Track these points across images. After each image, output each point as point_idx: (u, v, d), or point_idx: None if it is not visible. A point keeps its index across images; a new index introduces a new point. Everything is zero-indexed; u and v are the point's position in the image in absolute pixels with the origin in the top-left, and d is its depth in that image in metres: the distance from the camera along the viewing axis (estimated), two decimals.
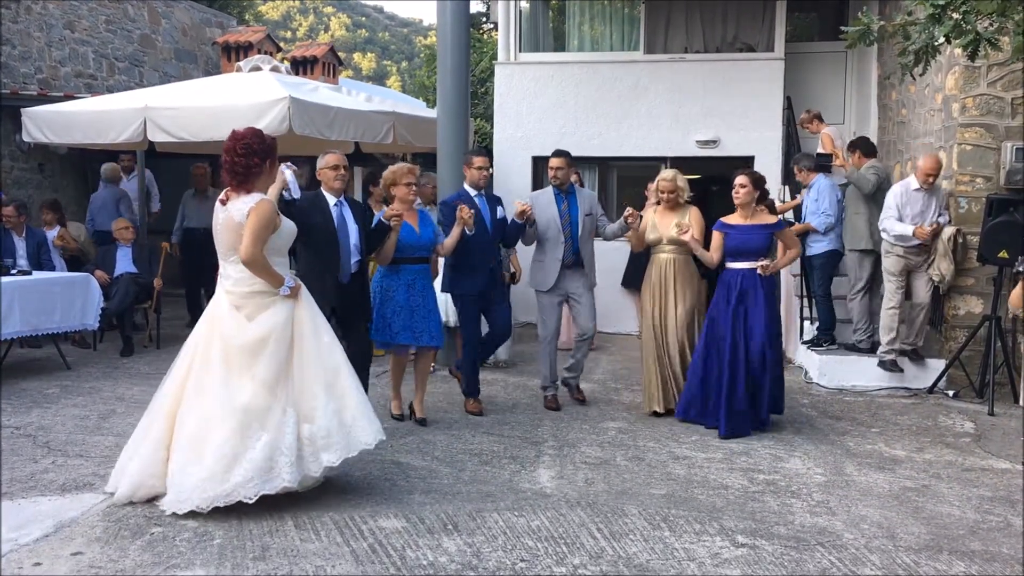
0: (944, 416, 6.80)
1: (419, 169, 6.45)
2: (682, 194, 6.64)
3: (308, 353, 4.54)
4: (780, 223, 6.50)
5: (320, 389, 4.51)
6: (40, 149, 11.59)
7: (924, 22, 5.00)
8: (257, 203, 4.46)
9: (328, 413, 4.48)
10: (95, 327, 8.30)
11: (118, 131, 8.82)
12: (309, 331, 4.58)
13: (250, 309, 4.50)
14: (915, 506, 4.76)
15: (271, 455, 4.35)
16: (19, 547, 3.98)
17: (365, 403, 4.66)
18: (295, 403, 4.47)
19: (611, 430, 6.21)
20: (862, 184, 7.88)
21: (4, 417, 6.28)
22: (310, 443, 4.46)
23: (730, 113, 10.54)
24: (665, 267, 6.61)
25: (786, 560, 3.99)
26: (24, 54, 12.07)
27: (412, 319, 6.08)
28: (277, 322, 4.49)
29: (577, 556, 3.99)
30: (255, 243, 4.41)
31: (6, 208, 8.70)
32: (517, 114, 11.08)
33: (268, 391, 4.41)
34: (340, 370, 4.61)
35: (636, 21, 11.14)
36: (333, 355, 4.62)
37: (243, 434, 4.33)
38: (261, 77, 9.22)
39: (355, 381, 4.66)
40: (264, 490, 4.30)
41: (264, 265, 4.46)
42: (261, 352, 4.43)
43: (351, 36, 67.47)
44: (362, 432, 4.57)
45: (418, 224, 6.18)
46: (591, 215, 6.84)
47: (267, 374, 4.42)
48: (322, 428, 4.46)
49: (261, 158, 4.55)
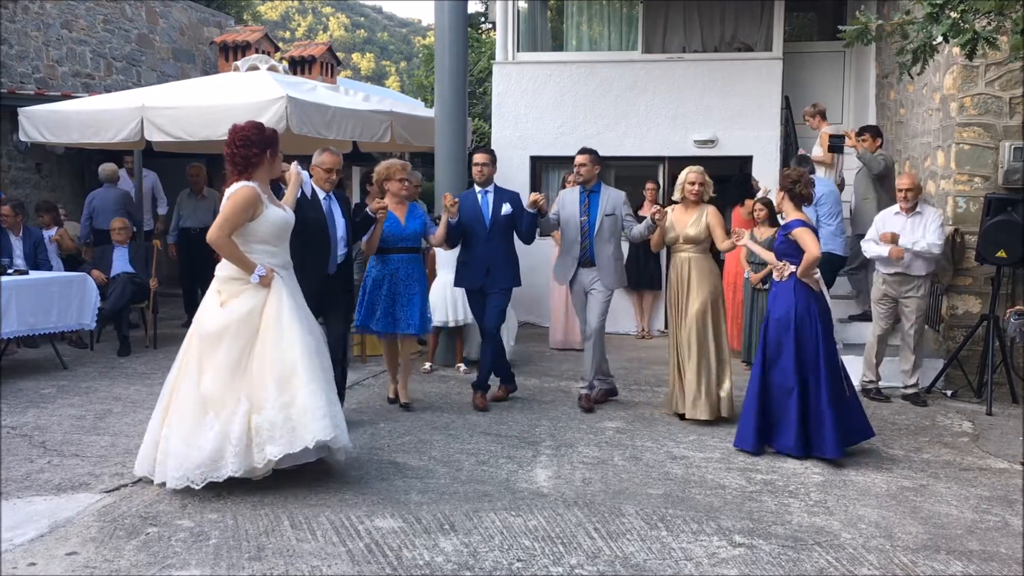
0: (942, 416, 6.79)
1: (411, 165, 6.70)
2: (708, 189, 6.59)
3: (268, 344, 4.60)
4: (788, 224, 5.84)
5: (272, 382, 4.55)
6: (37, 149, 11.57)
7: (922, 21, 5.00)
8: (237, 188, 4.63)
9: (276, 407, 4.52)
10: (92, 327, 8.28)
11: (115, 130, 8.81)
12: (273, 322, 4.63)
13: (226, 295, 4.67)
14: (913, 506, 4.75)
15: (221, 444, 4.49)
16: (14, 547, 3.97)
17: (318, 402, 4.59)
18: (249, 392, 4.55)
19: (609, 430, 6.20)
20: (873, 164, 8.15)
21: (0, 417, 6.26)
22: (257, 433, 4.53)
23: (728, 113, 10.53)
24: (681, 266, 6.54)
25: (783, 560, 3.97)
26: (21, 53, 12.06)
27: (393, 307, 6.41)
28: (242, 311, 4.61)
29: (574, 556, 3.97)
30: (223, 225, 4.59)
31: (3, 208, 8.68)
32: (515, 114, 11.07)
33: (225, 378, 4.55)
34: (296, 366, 4.59)
35: (634, 21, 11.13)
36: (292, 350, 4.61)
37: (199, 420, 4.52)
38: (258, 76, 9.21)
39: (311, 379, 4.61)
40: (211, 477, 4.50)
41: (230, 249, 4.61)
42: (223, 339, 4.58)
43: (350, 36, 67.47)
44: (305, 430, 4.54)
45: (404, 216, 6.49)
46: (613, 215, 6.79)
47: (225, 361, 4.56)
48: (267, 420, 4.51)
49: (260, 148, 4.71)
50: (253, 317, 4.63)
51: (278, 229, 4.79)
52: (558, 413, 6.65)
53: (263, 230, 4.71)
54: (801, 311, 5.63)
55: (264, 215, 4.70)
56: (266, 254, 4.73)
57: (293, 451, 4.54)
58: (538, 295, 9.55)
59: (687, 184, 6.56)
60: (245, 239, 4.69)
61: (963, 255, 7.62)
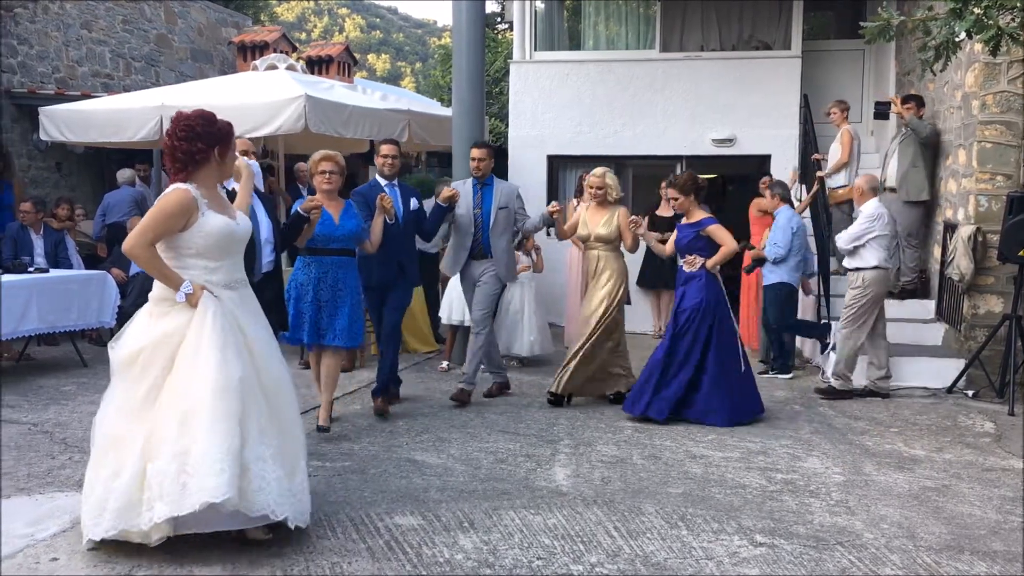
0: (964, 416, 6.74)
1: (339, 156, 5.94)
2: (611, 192, 6.82)
3: (179, 377, 3.81)
4: (702, 221, 6.57)
5: (174, 423, 3.73)
6: (57, 148, 11.67)
7: (945, 17, 4.96)
8: (169, 192, 3.87)
9: (172, 453, 3.69)
10: (111, 325, 8.32)
11: (135, 129, 8.88)
12: (189, 351, 3.82)
13: (154, 317, 3.94)
14: (935, 506, 4.71)
15: (104, 495, 3.79)
16: (36, 542, 3.99)
17: (216, 451, 3.67)
18: (151, 432, 3.78)
19: (627, 428, 6.18)
20: (920, 129, 8.37)
21: (22, 414, 6.31)
22: (148, 486, 3.70)
23: (746, 111, 10.47)
24: (593, 262, 6.84)
25: (805, 560, 3.95)
26: (42, 53, 12.14)
27: (319, 316, 5.70)
28: (153, 336, 3.86)
29: (594, 554, 3.96)
30: (142, 232, 3.82)
31: (24, 204, 8.75)
32: (532, 113, 11.05)
33: (125, 416, 3.84)
34: (202, 406, 3.73)
35: (652, 19, 11.10)
36: (201, 385, 3.75)
37: (96, 465, 3.89)
38: (277, 76, 9.26)
39: (216, 420, 3.71)
40: (89, 534, 3.82)
41: (149, 261, 3.86)
42: (133, 365, 3.87)
43: (365, 37, 67.59)
44: (196, 486, 3.63)
45: (339, 215, 5.78)
46: (507, 208, 6.89)
47: (126, 396, 3.86)
48: (160, 471, 3.68)
49: (207, 143, 3.92)
50: (170, 342, 3.84)
51: (219, 240, 3.94)
52: (576, 411, 6.64)
53: (199, 241, 3.90)
54: (711, 299, 6.43)
55: (199, 224, 3.87)
56: (203, 270, 3.92)
57: (180, 513, 3.64)
58: (556, 295, 9.53)
59: (588, 187, 6.92)
60: (177, 252, 3.90)
61: (985, 254, 7.55)
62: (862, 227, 7.21)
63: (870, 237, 7.17)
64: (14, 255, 8.19)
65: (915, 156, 8.48)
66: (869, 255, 7.19)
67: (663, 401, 6.30)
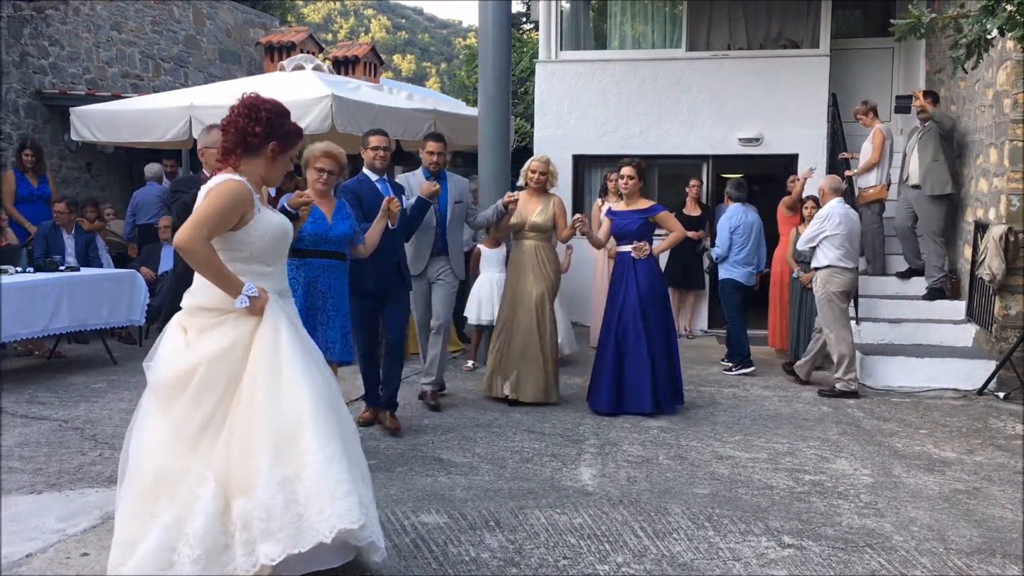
0: (994, 418, 6.65)
1: (342, 155, 5.32)
2: (552, 179, 6.78)
3: (259, 394, 3.26)
4: (654, 208, 6.70)
5: (266, 449, 3.18)
6: (88, 148, 11.81)
7: (977, 14, 4.91)
8: (221, 182, 3.37)
9: (272, 485, 3.14)
10: (141, 323, 8.42)
11: (164, 129, 8.96)
12: (266, 363, 3.30)
13: (195, 330, 3.36)
14: (966, 508, 4.65)
15: (171, 542, 3.13)
16: (67, 537, 4.04)
17: (338, 473, 3.22)
18: (224, 466, 3.20)
19: (653, 428, 6.16)
20: (944, 121, 8.42)
21: (53, 410, 6.39)
22: (243, 527, 3.13)
23: (774, 111, 10.41)
24: (526, 252, 6.73)
25: (834, 561, 3.91)
26: (72, 55, 12.29)
27: (313, 323, 5.05)
28: (212, 351, 3.29)
29: (620, 554, 3.95)
30: (196, 226, 3.26)
31: (58, 204, 8.87)
32: (558, 112, 11.04)
33: (179, 448, 3.23)
34: (301, 424, 3.24)
35: (678, 19, 11.06)
36: (297, 400, 3.27)
37: (143, 508, 3.20)
38: (304, 76, 9.31)
39: (327, 441, 3.25)
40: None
41: (208, 259, 3.28)
42: (184, 389, 3.25)
43: (391, 38, 67.82)
44: (317, 515, 3.15)
45: (332, 215, 5.21)
46: (461, 203, 6.69)
47: (186, 422, 3.24)
48: (261, 506, 3.12)
49: (266, 132, 3.47)
50: (232, 357, 3.29)
51: (274, 242, 3.50)
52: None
53: (255, 242, 3.42)
54: (659, 285, 6.64)
55: (256, 221, 3.41)
56: (255, 276, 3.41)
57: (301, 549, 3.14)
58: (582, 294, 9.52)
59: (529, 171, 6.81)
60: (229, 254, 3.39)
61: (1017, 254, 7.45)
62: (812, 228, 7.44)
63: (822, 237, 7.33)
64: (45, 253, 8.31)
65: (936, 150, 8.43)
66: (821, 255, 7.38)
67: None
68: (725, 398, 7.17)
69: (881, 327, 8.40)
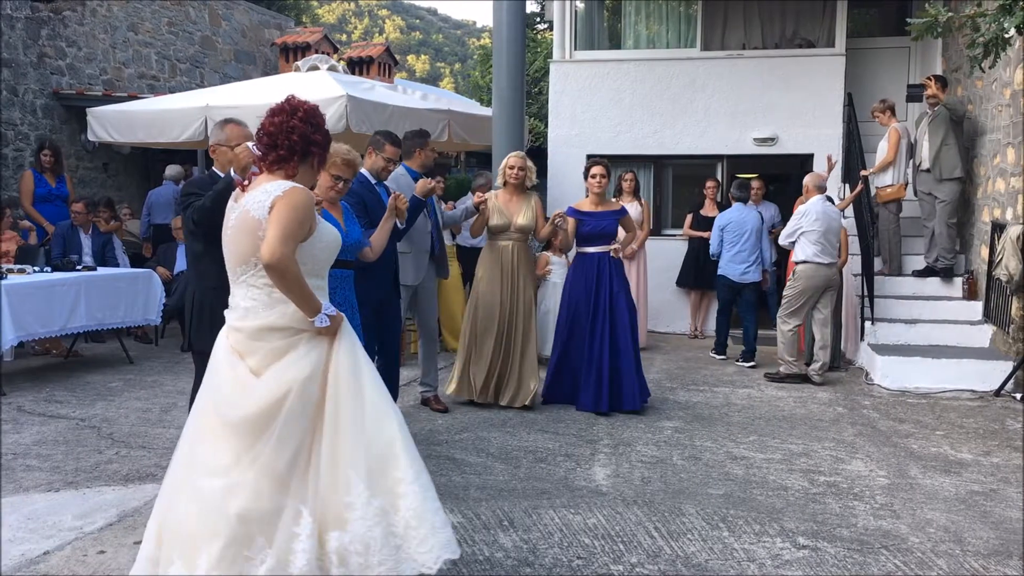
0: (1012, 419, 6.61)
1: (360, 162, 5.01)
2: (530, 176, 6.71)
3: (344, 422, 3.00)
4: (623, 210, 6.92)
5: (359, 478, 2.95)
6: (104, 149, 11.87)
7: (994, 13, 4.88)
8: (287, 190, 3.03)
9: (369, 516, 2.93)
10: (157, 322, 8.47)
11: (180, 130, 9.00)
12: (349, 388, 3.04)
13: (259, 357, 3.03)
14: (983, 510, 4.62)
15: None
16: (84, 535, 4.07)
17: (428, 499, 3.04)
18: (319, 499, 2.95)
19: (667, 429, 6.15)
20: (958, 107, 8.64)
21: (70, 409, 6.44)
22: (339, 563, 2.91)
23: (789, 110, 10.37)
24: (514, 254, 6.59)
25: (849, 563, 3.90)
26: (89, 55, 12.36)
27: None
28: (296, 377, 2.99)
29: (634, 555, 3.94)
30: (284, 239, 2.94)
31: (76, 205, 8.94)
32: (572, 112, 11.03)
33: (278, 485, 2.93)
34: (393, 448, 3.04)
35: (693, 18, 11.03)
36: (384, 427, 3.05)
37: (236, 556, 2.88)
38: (319, 76, 9.33)
39: (418, 468, 3.07)
40: None
41: (297, 276, 2.98)
42: (270, 425, 2.95)
43: (405, 38, 67.97)
44: (418, 547, 2.97)
45: (343, 221, 4.79)
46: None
47: (276, 459, 2.94)
48: (358, 539, 2.91)
49: (324, 142, 3.23)
50: (313, 384, 3.02)
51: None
52: (615, 411, 6.61)
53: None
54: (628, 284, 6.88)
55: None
56: (316, 290, 3.11)
57: None
58: None
59: (507, 168, 6.69)
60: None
61: None
62: (791, 224, 7.78)
63: (800, 232, 7.65)
64: (63, 253, 8.37)
65: (946, 135, 8.55)
66: (798, 250, 7.70)
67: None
68: (739, 399, 7.15)
69: (897, 328, 8.35)
